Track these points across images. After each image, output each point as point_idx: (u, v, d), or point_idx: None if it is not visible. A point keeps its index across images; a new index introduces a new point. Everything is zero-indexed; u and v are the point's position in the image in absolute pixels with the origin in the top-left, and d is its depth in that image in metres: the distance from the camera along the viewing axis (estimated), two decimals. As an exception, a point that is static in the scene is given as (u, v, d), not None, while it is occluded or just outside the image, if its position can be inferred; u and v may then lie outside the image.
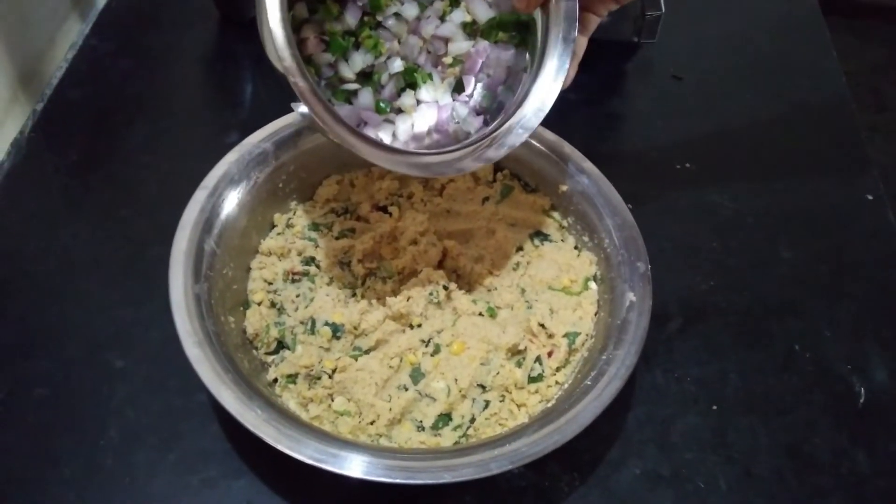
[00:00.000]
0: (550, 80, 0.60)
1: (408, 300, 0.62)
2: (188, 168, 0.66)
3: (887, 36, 1.94)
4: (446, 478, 0.51)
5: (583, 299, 0.65)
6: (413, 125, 0.61)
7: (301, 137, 0.67)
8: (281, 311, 0.63)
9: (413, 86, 0.62)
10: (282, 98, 0.54)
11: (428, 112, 0.61)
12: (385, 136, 0.60)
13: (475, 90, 0.63)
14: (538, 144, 0.70)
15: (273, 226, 0.68)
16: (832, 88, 0.91)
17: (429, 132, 0.62)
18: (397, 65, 0.61)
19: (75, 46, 0.88)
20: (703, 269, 0.73)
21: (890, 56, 1.90)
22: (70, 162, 0.76)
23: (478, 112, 0.63)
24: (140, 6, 0.92)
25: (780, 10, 1.00)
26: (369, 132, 0.59)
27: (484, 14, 0.61)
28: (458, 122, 0.62)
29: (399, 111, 0.61)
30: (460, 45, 0.62)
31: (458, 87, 0.63)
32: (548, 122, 0.69)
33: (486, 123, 0.62)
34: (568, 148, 0.69)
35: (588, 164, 0.68)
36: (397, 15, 0.60)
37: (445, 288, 0.63)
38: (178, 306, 0.56)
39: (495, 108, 0.63)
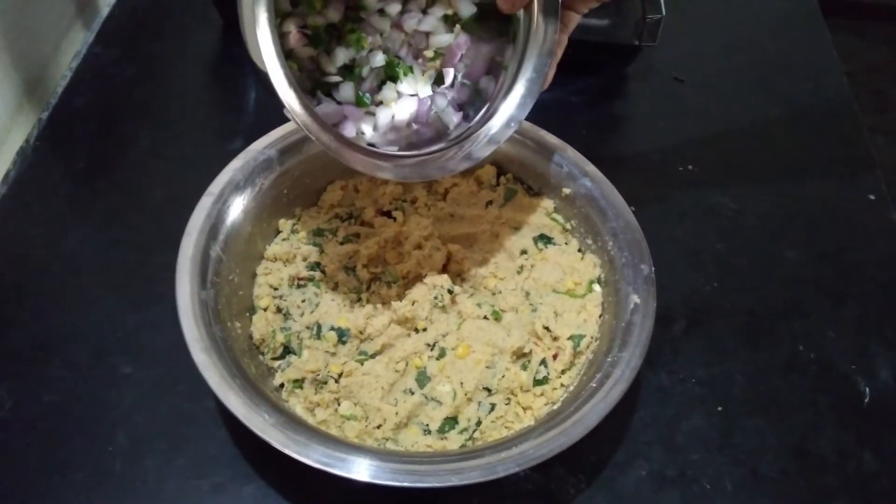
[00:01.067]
0: (531, 82, 0.60)
1: (413, 304, 0.62)
2: (193, 174, 0.66)
3: (888, 36, 1.94)
4: (453, 481, 0.51)
5: (587, 302, 0.65)
6: (393, 116, 0.61)
7: (305, 143, 0.67)
8: (287, 316, 0.63)
9: (394, 78, 0.62)
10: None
11: (408, 104, 0.62)
12: (367, 128, 0.60)
13: (455, 82, 0.63)
14: (541, 148, 0.70)
15: (278, 232, 0.68)
16: (833, 89, 0.91)
17: (409, 124, 0.62)
18: (379, 59, 0.60)
19: (79, 55, 0.88)
20: (706, 271, 0.73)
21: (891, 56, 1.90)
22: (76, 169, 0.77)
23: (458, 106, 0.63)
24: (143, 14, 0.93)
25: (780, 12, 1.01)
26: (350, 126, 0.59)
27: (467, 10, 0.61)
28: (436, 112, 0.62)
29: (380, 104, 0.62)
30: (441, 38, 0.62)
31: (439, 80, 0.63)
32: (550, 125, 0.70)
33: (466, 119, 0.62)
34: (571, 151, 0.70)
35: (591, 167, 0.69)
36: (380, 11, 0.61)
37: (450, 292, 0.63)
38: (185, 312, 0.56)
39: (475, 103, 0.63)
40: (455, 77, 0.63)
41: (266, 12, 0.51)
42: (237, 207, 0.64)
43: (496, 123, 0.61)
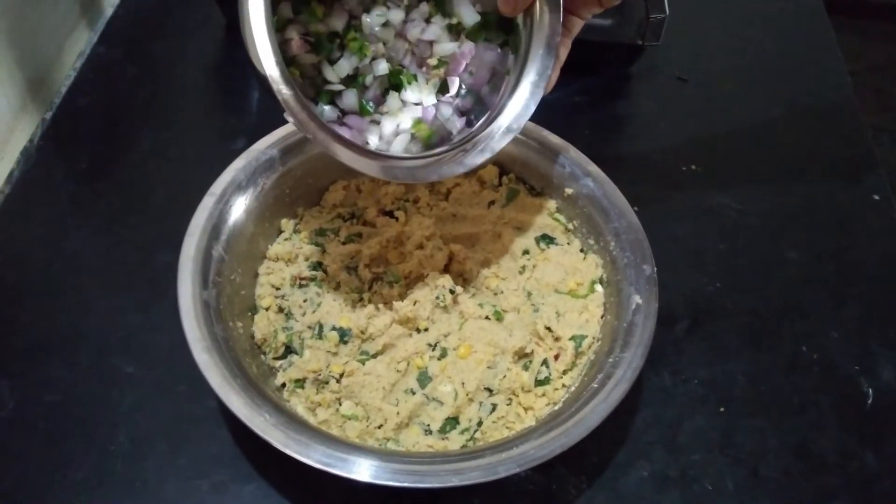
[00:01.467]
0: (533, 86, 0.60)
1: (414, 304, 0.62)
2: (196, 174, 0.66)
3: (891, 35, 1.93)
4: (454, 481, 0.51)
5: (589, 302, 0.65)
6: (399, 125, 0.61)
7: (307, 143, 0.67)
8: (288, 316, 0.63)
9: (398, 87, 0.62)
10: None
11: (413, 113, 0.62)
12: (372, 138, 0.60)
13: (459, 90, 0.63)
14: (543, 148, 0.70)
15: (280, 231, 0.68)
16: (837, 89, 0.91)
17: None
18: (382, 67, 0.60)
19: (83, 55, 0.88)
20: (709, 271, 0.73)
21: (894, 55, 1.89)
22: (79, 169, 0.77)
23: (461, 113, 0.63)
24: (147, 14, 0.93)
25: (783, 11, 1.01)
26: (356, 136, 0.59)
27: (470, 18, 0.61)
28: (440, 121, 0.62)
29: (385, 113, 0.62)
30: (445, 46, 0.62)
31: (443, 88, 0.63)
32: (553, 125, 0.70)
33: (469, 124, 0.62)
34: (573, 151, 0.69)
35: (593, 167, 0.68)
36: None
37: (452, 292, 0.63)
38: (186, 312, 0.56)
39: (479, 109, 0.63)
40: (459, 85, 0.63)
41: (264, 15, 0.51)
42: (239, 207, 0.64)
43: (498, 128, 0.61)
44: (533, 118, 0.62)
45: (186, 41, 0.91)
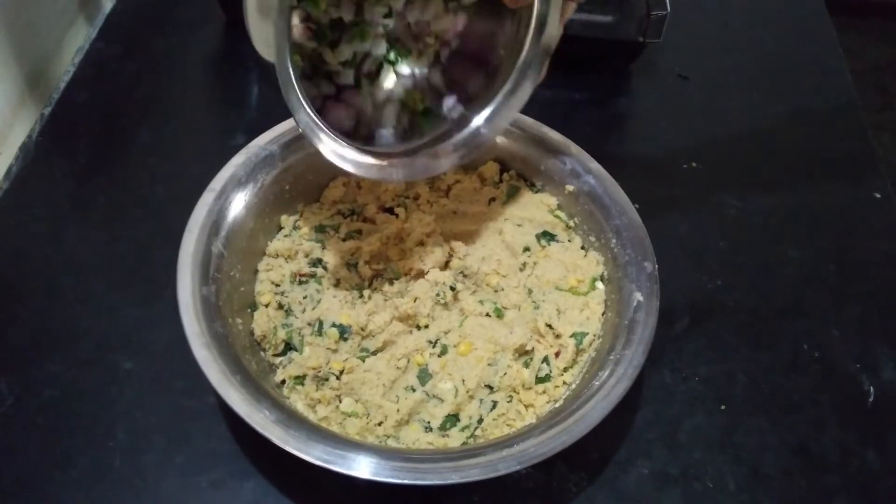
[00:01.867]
0: (522, 79, 0.60)
1: (415, 301, 0.62)
2: (195, 170, 0.66)
3: (893, 35, 1.93)
4: (454, 478, 0.51)
5: (590, 299, 0.65)
6: (390, 92, 0.61)
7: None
8: (288, 312, 0.63)
9: (391, 61, 0.62)
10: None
11: (405, 82, 0.62)
12: (367, 107, 0.61)
13: (450, 60, 0.63)
14: (544, 145, 0.70)
15: (280, 228, 0.68)
16: (838, 87, 0.91)
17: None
18: (382, 49, 0.60)
19: (82, 50, 0.88)
20: (710, 269, 0.73)
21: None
22: (77, 165, 0.77)
23: (453, 84, 0.63)
24: (146, 10, 0.93)
25: (785, 9, 1.00)
26: (351, 113, 0.60)
27: None
28: (430, 88, 0.62)
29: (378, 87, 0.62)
30: (442, 21, 0.62)
31: (437, 62, 0.63)
32: (554, 122, 0.70)
33: (460, 102, 0.62)
34: (574, 148, 0.69)
35: (594, 164, 0.68)
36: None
37: (452, 289, 0.63)
38: (186, 308, 0.56)
39: (469, 88, 0.63)
40: (451, 55, 0.63)
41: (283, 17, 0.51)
42: (239, 203, 0.64)
43: (489, 118, 0.61)
44: (534, 115, 0.62)
45: (186, 37, 0.90)
